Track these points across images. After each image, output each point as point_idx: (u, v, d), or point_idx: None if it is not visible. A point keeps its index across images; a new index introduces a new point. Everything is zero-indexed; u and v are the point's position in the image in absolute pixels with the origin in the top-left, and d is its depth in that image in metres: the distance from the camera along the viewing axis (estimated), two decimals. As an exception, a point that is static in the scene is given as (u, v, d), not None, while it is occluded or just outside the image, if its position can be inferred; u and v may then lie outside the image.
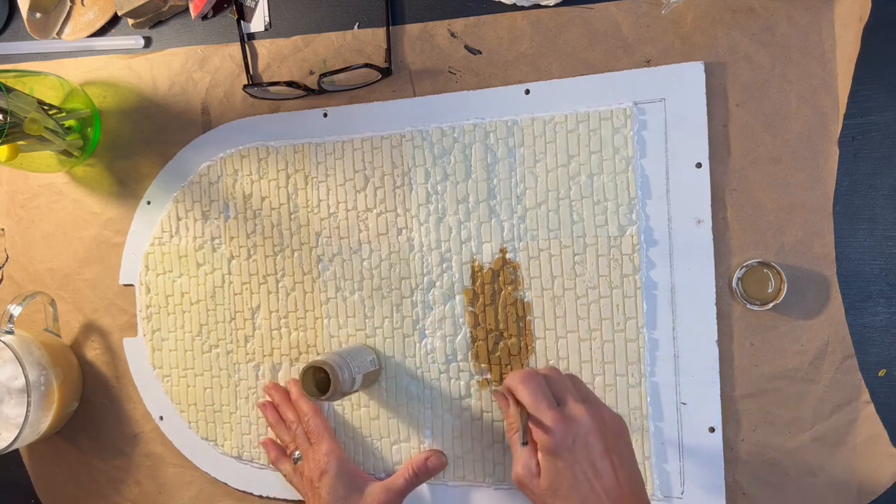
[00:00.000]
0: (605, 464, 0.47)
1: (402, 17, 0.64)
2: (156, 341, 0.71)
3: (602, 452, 0.47)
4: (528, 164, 0.60)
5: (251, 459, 0.68)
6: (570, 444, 0.47)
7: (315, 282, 0.65)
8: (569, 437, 0.47)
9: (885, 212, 0.54)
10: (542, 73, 0.60)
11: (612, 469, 0.47)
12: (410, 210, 0.63)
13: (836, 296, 0.54)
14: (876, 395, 0.54)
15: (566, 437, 0.47)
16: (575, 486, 0.47)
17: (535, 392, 0.49)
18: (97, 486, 0.74)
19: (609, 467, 0.47)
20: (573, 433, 0.47)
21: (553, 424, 0.48)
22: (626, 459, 0.48)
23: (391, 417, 0.64)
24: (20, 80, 0.66)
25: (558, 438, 0.47)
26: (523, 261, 0.60)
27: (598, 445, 0.47)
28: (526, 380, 0.50)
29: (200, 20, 0.70)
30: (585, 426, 0.48)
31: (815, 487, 0.55)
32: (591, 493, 0.46)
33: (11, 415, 0.68)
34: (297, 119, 0.66)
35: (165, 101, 0.71)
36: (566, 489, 0.47)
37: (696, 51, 0.57)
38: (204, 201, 0.69)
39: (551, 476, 0.47)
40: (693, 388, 0.56)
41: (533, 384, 0.50)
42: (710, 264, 0.56)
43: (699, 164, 0.56)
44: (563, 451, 0.47)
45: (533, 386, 0.50)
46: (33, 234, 0.76)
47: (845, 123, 0.54)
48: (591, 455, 0.47)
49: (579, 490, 0.47)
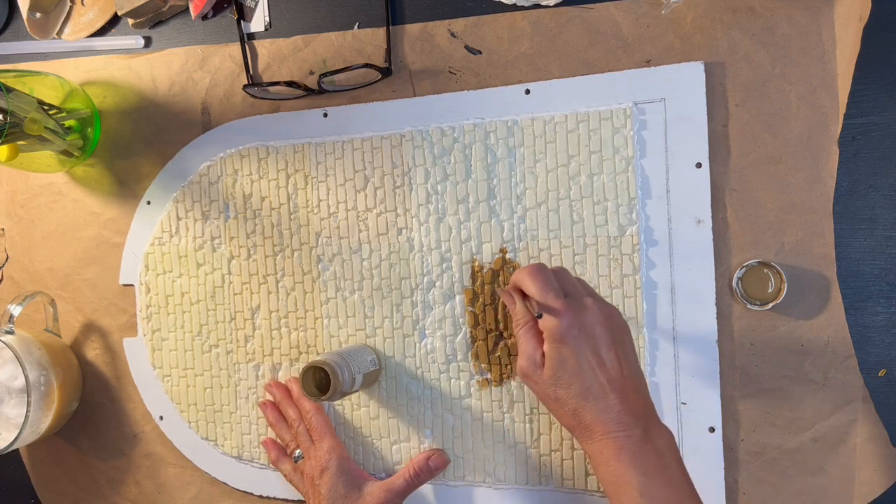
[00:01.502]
0: (611, 355, 0.47)
1: (402, 17, 0.64)
2: (156, 341, 0.71)
3: (608, 344, 0.47)
4: (528, 164, 0.60)
5: (251, 459, 0.68)
6: (577, 333, 0.47)
7: (315, 282, 0.65)
8: (576, 325, 0.47)
9: (885, 212, 0.54)
10: (542, 73, 0.60)
11: (617, 360, 0.47)
12: (410, 210, 0.63)
13: (836, 296, 0.54)
14: (876, 395, 0.54)
15: (573, 325, 0.47)
16: (578, 373, 0.46)
17: (544, 283, 0.49)
18: (97, 486, 0.74)
19: (614, 358, 0.47)
20: (580, 321, 0.47)
21: (562, 311, 0.47)
22: (630, 356, 0.48)
23: (391, 417, 0.64)
24: (20, 80, 0.66)
25: (565, 325, 0.47)
26: (523, 261, 0.60)
27: (604, 336, 0.47)
28: (534, 272, 0.50)
29: (200, 20, 0.70)
30: (593, 316, 0.47)
31: (815, 487, 0.55)
32: (594, 381, 0.46)
33: (11, 415, 0.68)
34: (297, 119, 0.66)
35: (165, 101, 0.71)
36: (568, 377, 0.47)
37: (696, 51, 0.57)
38: (204, 201, 0.69)
39: (555, 364, 0.47)
40: (693, 388, 0.56)
41: (541, 276, 0.49)
42: (710, 264, 0.56)
43: (699, 164, 0.56)
44: (570, 338, 0.47)
45: (542, 277, 0.49)
46: (33, 234, 0.76)
47: (845, 123, 0.54)
48: (596, 345, 0.47)
49: (582, 379, 0.46)
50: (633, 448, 0.45)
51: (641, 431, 0.46)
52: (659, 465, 0.45)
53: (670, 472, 0.45)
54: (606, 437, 0.46)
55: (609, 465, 0.45)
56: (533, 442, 0.60)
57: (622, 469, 0.45)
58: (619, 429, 0.46)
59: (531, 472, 0.60)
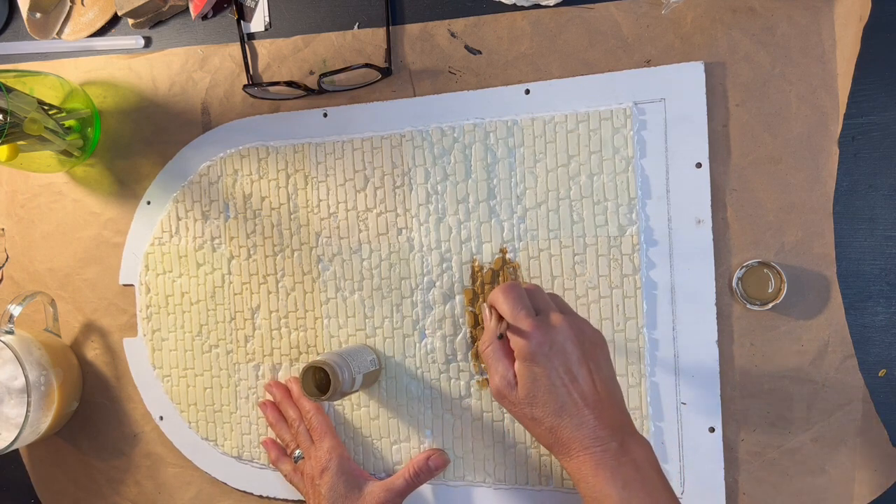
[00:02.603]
0: (583, 370, 0.47)
1: (402, 17, 0.64)
2: (156, 341, 0.71)
3: (579, 359, 0.47)
4: (528, 164, 0.60)
5: (251, 459, 0.68)
6: (547, 351, 0.47)
7: (315, 282, 0.65)
8: (546, 344, 0.47)
9: (885, 212, 0.54)
10: (542, 73, 0.60)
11: (590, 375, 0.47)
12: (410, 210, 0.63)
13: (836, 296, 0.54)
14: (876, 395, 0.54)
15: (543, 344, 0.47)
16: (552, 391, 0.46)
17: (515, 301, 0.49)
18: (97, 486, 0.74)
19: (586, 373, 0.47)
20: (550, 340, 0.47)
21: (531, 330, 0.47)
22: (602, 367, 0.48)
23: (391, 417, 0.64)
24: (20, 80, 0.66)
25: (535, 344, 0.47)
26: (523, 261, 0.60)
27: (575, 352, 0.47)
28: (506, 291, 0.50)
29: (200, 20, 0.70)
30: (563, 333, 0.47)
31: (815, 487, 0.55)
32: (567, 398, 0.46)
33: (11, 415, 0.68)
34: (297, 119, 0.66)
35: (165, 101, 0.71)
36: (543, 395, 0.47)
37: (696, 51, 0.57)
38: (204, 201, 0.69)
39: (528, 384, 0.47)
40: (693, 388, 0.56)
41: (512, 294, 0.50)
42: (710, 264, 0.56)
43: (699, 164, 0.56)
44: (540, 356, 0.47)
45: (513, 296, 0.50)
46: (33, 234, 0.76)
47: (845, 123, 0.54)
48: (567, 361, 0.47)
49: (556, 396, 0.46)
50: (611, 462, 0.45)
51: (618, 445, 0.45)
52: (638, 477, 0.45)
53: (650, 484, 0.45)
54: (583, 453, 0.46)
55: (588, 481, 0.45)
56: (533, 442, 0.60)
57: (601, 484, 0.45)
58: (595, 444, 0.45)
59: (531, 472, 0.60)
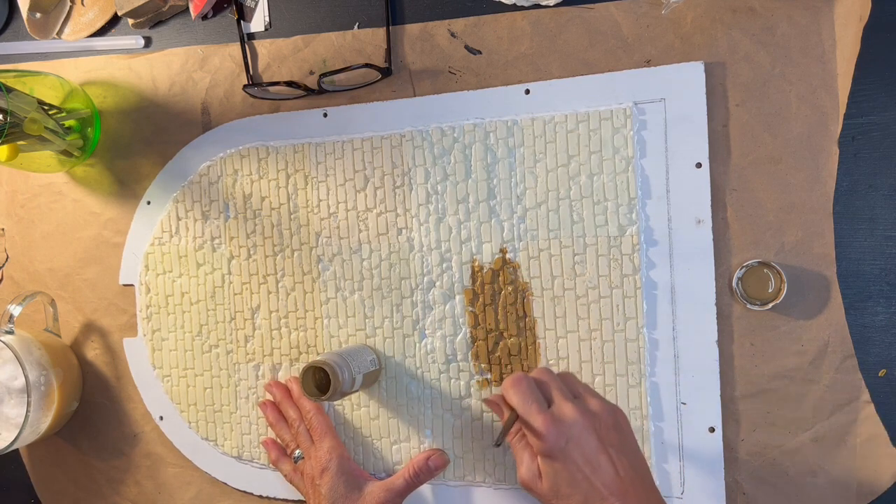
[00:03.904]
0: (603, 458, 0.47)
1: (402, 17, 0.64)
2: (156, 341, 0.71)
3: (597, 448, 0.47)
4: (528, 164, 0.60)
5: (251, 459, 0.68)
6: (564, 446, 0.47)
7: (315, 282, 0.65)
8: (561, 439, 0.47)
9: (885, 212, 0.54)
10: (542, 73, 0.60)
11: (611, 462, 0.47)
12: (410, 210, 0.63)
13: (836, 296, 0.54)
14: (876, 395, 0.54)
15: (559, 440, 0.47)
16: (574, 484, 0.47)
17: (525, 396, 0.49)
18: (97, 486, 0.74)
19: (607, 461, 0.47)
20: (565, 435, 0.47)
21: (543, 428, 0.48)
22: (625, 450, 0.48)
23: (391, 417, 0.64)
24: (20, 80, 0.66)
25: (551, 442, 0.47)
26: (523, 261, 0.60)
27: (591, 442, 0.47)
28: (515, 384, 0.50)
29: (200, 20, 0.70)
30: (577, 425, 0.47)
31: (815, 487, 0.55)
32: (590, 489, 0.46)
33: (11, 415, 0.68)
34: (297, 119, 0.66)
35: (165, 101, 0.71)
36: (566, 488, 0.47)
37: (696, 51, 0.57)
38: (204, 201, 0.69)
39: (551, 478, 0.48)
40: (693, 388, 0.56)
41: (522, 388, 0.50)
42: (710, 264, 0.56)
43: (699, 164, 0.56)
44: (557, 452, 0.47)
45: (522, 390, 0.50)
46: (33, 234, 0.76)
47: (845, 123, 0.54)
48: (585, 452, 0.47)
49: (579, 489, 0.47)
50: None
51: None
52: None
53: None
54: None
55: None
56: (533, 442, 0.60)
57: None
58: None
59: (531, 472, 0.60)
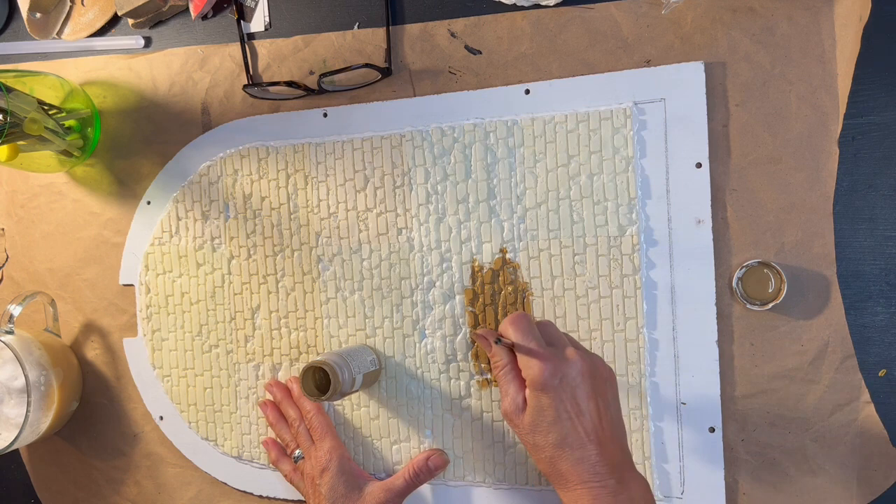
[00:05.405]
0: (591, 405, 0.48)
1: (402, 17, 0.64)
2: (156, 341, 0.71)
3: (588, 394, 0.48)
4: (528, 164, 0.60)
5: (251, 459, 0.68)
6: (558, 382, 0.48)
7: (315, 282, 0.65)
8: (557, 375, 0.48)
9: (885, 212, 0.54)
10: (542, 73, 0.60)
11: (597, 411, 0.48)
12: (410, 210, 0.63)
13: (836, 296, 0.54)
14: (876, 395, 0.54)
15: (555, 374, 0.48)
16: (557, 422, 0.47)
17: (525, 332, 0.50)
18: (97, 486, 0.74)
19: (594, 408, 0.48)
20: (562, 371, 0.48)
21: (544, 360, 0.48)
22: (611, 405, 0.49)
23: (391, 417, 0.64)
24: (20, 80, 0.66)
25: (548, 374, 0.48)
26: (523, 261, 0.60)
27: (584, 386, 0.48)
28: (516, 320, 0.51)
29: (200, 20, 0.70)
30: (576, 367, 0.48)
31: (815, 487, 0.55)
32: (571, 430, 0.47)
33: (11, 415, 0.68)
34: (297, 119, 0.66)
35: (165, 101, 0.71)
36: (547, 425, 0.47)
37: (696, 51, 0.57)
38: (204, 201, 0.69)
39: (535, 412, 0.48)
40: (693, 388, 0.56)
41: (523, 323, 0.50)
42: (710, 264, 0.56)
43: (699, 164, 0.56)
44: (551, 387, 0.47)
45: (523, 324, 0.50)
46: (33, 234, 0.76)
47: (845, 123, 0.54)
48: (576, 394, 0.48)
49: (560, 428, 0.47)
50: (608, 499, 0.46)
51: (616, 482, 0.46)
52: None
53: None
54: (581, 487, 0.46)
55: None
56: (533, 442, 0.60)
57: None
58: (594, 479, 0.46)
59: (531, 472, 0.60)
